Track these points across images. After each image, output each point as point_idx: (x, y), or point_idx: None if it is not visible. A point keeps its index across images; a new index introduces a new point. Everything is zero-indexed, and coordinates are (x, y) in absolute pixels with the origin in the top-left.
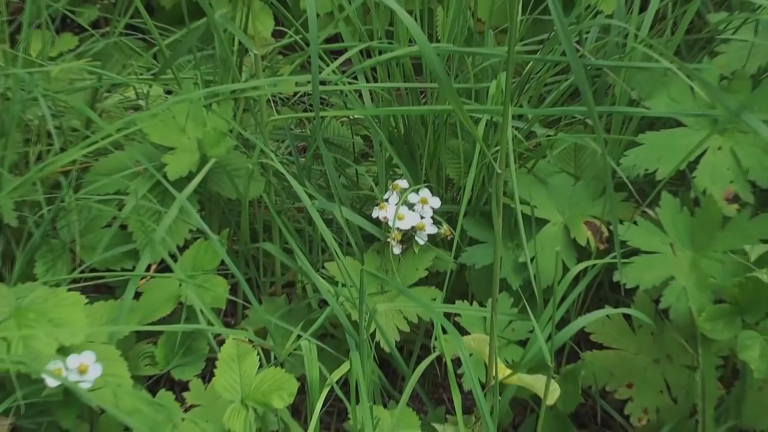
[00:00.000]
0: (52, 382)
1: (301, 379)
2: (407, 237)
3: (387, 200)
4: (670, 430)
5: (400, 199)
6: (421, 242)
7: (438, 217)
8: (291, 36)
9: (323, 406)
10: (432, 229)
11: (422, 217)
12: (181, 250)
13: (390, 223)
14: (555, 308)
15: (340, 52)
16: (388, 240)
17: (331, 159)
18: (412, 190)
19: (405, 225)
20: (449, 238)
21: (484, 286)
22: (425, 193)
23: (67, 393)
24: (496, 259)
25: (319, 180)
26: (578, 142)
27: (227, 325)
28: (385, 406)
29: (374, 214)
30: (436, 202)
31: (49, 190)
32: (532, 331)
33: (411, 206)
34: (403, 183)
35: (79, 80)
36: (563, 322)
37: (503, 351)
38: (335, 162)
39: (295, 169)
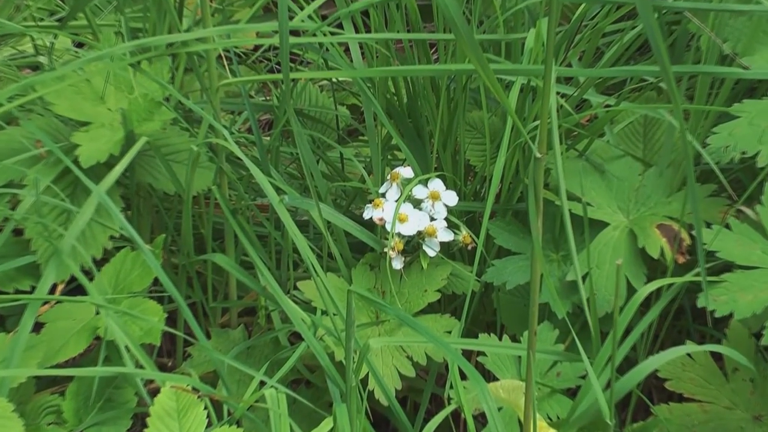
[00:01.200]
0: None
1: None
2: (412, 246)
3: (384, 195)
4: None
5: (402, 194)
6: (432, 253)
7: (454, 218)
8: None
9: None
10: (446, 236)
11: (433, 219)
12: (99, 264)
13: (388, 227)
14: (616, 345)
15: None
16: (386, 250)
17: (307, 138)
18: (419, 182)
19: (409, 229)
20: (470, 247)
21: (518, 313)
22: (436, 185)
23: None
24: (535, 276)
25: (289, 167)
26: (649, 114)
27: (163, 368)
28: None
29: (366, 215)
30: (451, 198)
31: None
32: (584, 377)
33: (417, 203)
34: (405, 171)
35: None
36: (628, 364)
37: (545, 403)
38: (312, 142)
39: (256, 152)
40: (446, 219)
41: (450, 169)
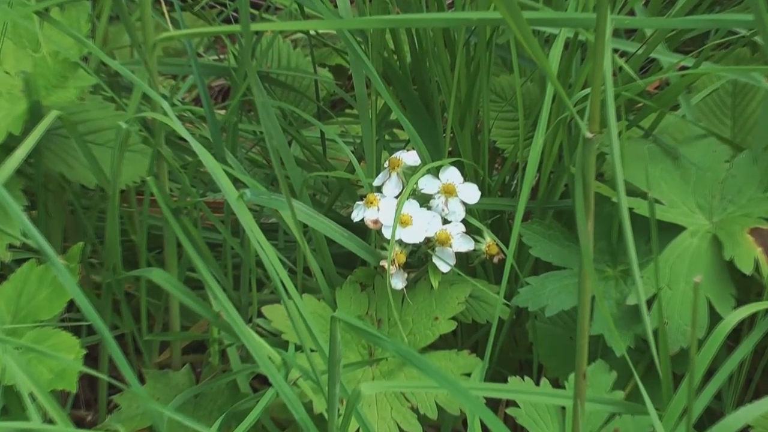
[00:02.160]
0: None
1: None
2: (418, 258)
3: (380, 190)
4: None
5: (405, 188)
6: (445, 268)
7: (475, 220)
8: None
9: None
10: (464, 244)
11: (446, 222)
12: None
13: (386, 233)
14: (693, 392)
15: None
16: (383, 264)
17: (275, 112)
18: (428, 171)
19: (414, 236)
20: (496, 259)
21: (562, 349)
22: (451, 175)
23: None
24: (584, 299)
25: (252, 150)
26: (739, 79)
27: (81, 423)
28: None
29: (356, 216)
30: (471, 193)
31: None
32: None
33: (425, 201)
34: (409, 157)
35: None
36: (710, 417)
37: None
38: (282, 117)
39: (207, 130)
40: (464, 221)
41: (469, 154)
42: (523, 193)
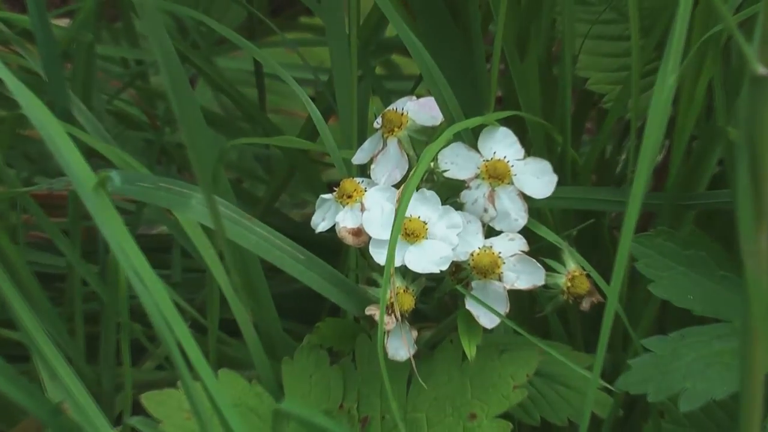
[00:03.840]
0: None
1: None
2: (437, 302)
3: (366, 173)
4: None
5: (414, 170)
6: (489, 322)
7: (547, 230)
8: None
9: None
10: (527, 275)
11: (492, 233)
12: None
13: (376, 254)
14: None
15: None
16: (371, 314)
17: (165, 23)
18: (456, 137)
19: (429, 259)
20: (587, 305)
21: None
22: (502, 145)
23: None
24: (753, 382)
25: (120, 96)
26: None
27: None
28: None
29: (321, 222)
30: (539, 180)
31: None
32: None
33: (451, 193)
34: (421, 109)
35: None
36: None
37: None
38: (180, 34)
39: (36, 60)
40: (525, 231)
41: (536, 104)
42: (638, 177)
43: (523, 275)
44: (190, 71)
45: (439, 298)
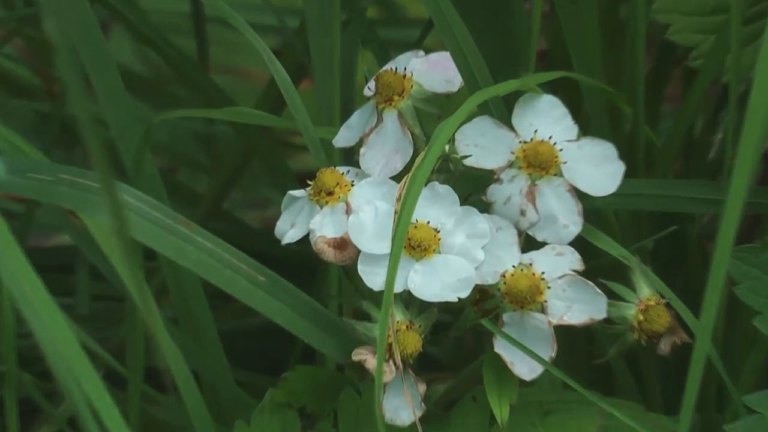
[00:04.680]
0: None
1: None
2: (454, 344)
3: (354, 161)
4: None
5: (423, 156)
6: (528, 371)
7: (611, 241)
8: None
9: None
10: (581, 306)
11: (531, 245)
12: None
13: (367, 275)
14: None
15: None
16: (360, 359)
17: None
18: (481, 108)
19: (443, 281)
20: (666, 346)
21: None
22: (546, 119)
23: None
24: None
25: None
26: None
27: None
28: None
29: (289, 229)
30: (597, 170)
31: None
32: None
33: (474, 187)
34: (431, 69)
35: None
36: None
37: None
38: None
39: None
40: (577, 244)
41: (595, 63)
42: (740, 165)
43: (576, 305)
44: (101, 13)
45: (457, 338)
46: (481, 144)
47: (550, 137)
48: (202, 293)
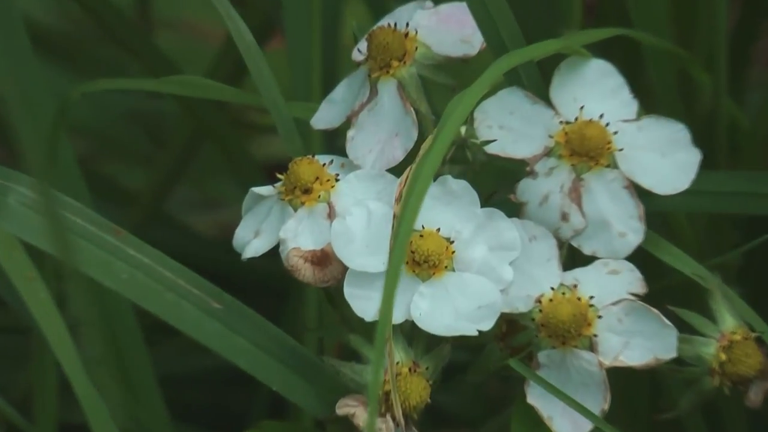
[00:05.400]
0: None
1: None
2: (470, 386)
3: (338, 147)
4: None
5: (432, 140)
6: (571, 428)
7: (687, 259)
8: None
9: None
10: (643, 342)
11: (575, 260)
12: None
13: (356, 302)
14: None
15: None
16: (346, 413)
17: None
18: (508, 78)
19: (458, 309)
20: (757, 396)
21: None
22: (595, 89)
23: None
24: None
25: None
26: None
27: None
28: None
29: (246, 241)
30: (665, 161)
31: None
32: None
33: (499, 180)
34: (440, 22)
35: None
36: None
37: None
38: None
39: None
40: (637, 258)
41: (660, 19)
42: None
43: (636, 340)
44: None
45: (477, 385)
46: (508, 125)
47: (601, 116)
48: (136, 325)
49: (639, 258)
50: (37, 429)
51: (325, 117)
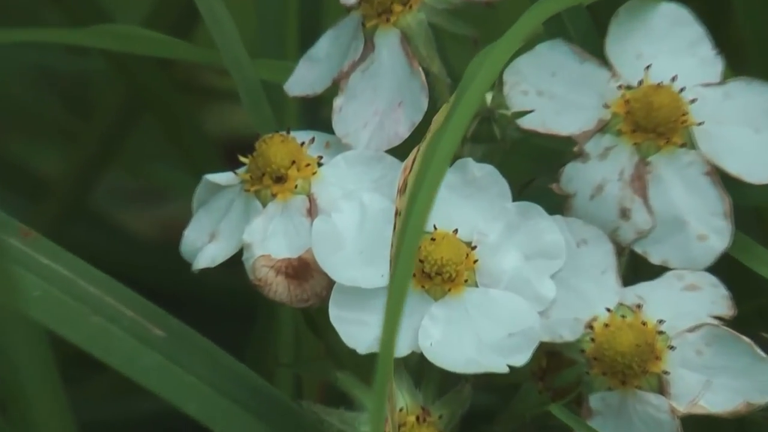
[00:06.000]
0: None
1: None
2: None
3: (321, 121)
4: None
5: (445, 111)
6: None
7: (742, 255)
8: None
9: None
10: (727, 383)
11: (641, 274)
12: None
13: (343, 329)
14: None
15: None
16: None
17: None
18: (547, 27)
19: (481, 343)
20: None
21: None
22: (664, 41)
23: None
24: None
25: None
26: None
27: None
28: None
29: (197, 246)
30: (754, 142)
31: None
32: None
33: (536, 177)
34: None
35: None
36: None
37: None
38: None
39: None
40: (721, 268)
41: None
42: None
43: (720, 379)
44: None
45: None
46: (550, 91)
47: (674, 78)
48: (49, 357)
49: (725, 269)
50: None
51: (303, 80)
